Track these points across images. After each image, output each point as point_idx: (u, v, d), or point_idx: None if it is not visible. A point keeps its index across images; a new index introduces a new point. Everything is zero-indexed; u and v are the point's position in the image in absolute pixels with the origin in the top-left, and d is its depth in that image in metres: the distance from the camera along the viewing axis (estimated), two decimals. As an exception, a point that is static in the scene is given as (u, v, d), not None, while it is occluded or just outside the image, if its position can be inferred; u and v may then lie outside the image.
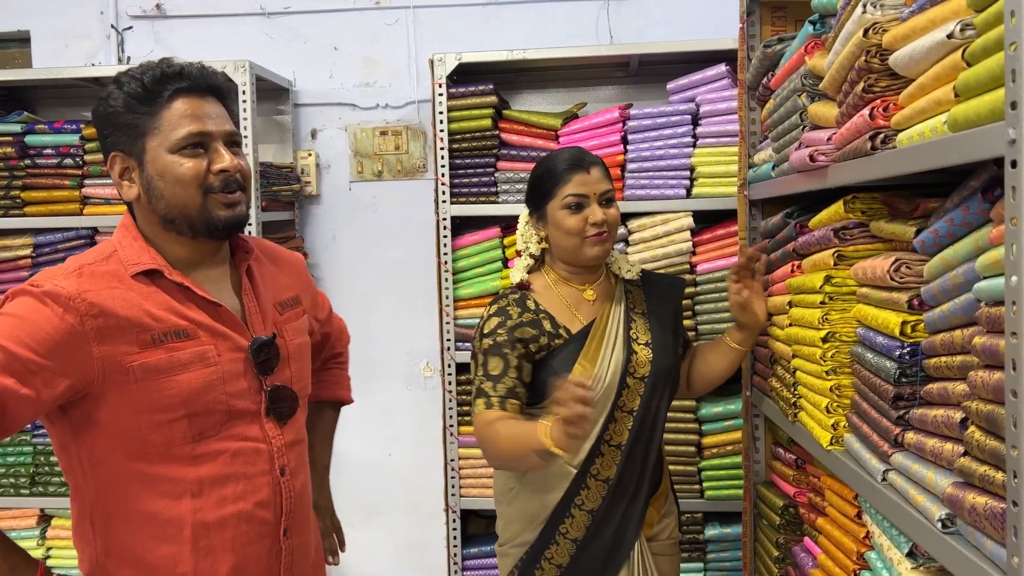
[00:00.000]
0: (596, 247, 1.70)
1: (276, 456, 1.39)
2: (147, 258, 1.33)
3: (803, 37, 1.61)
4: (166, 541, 1.31)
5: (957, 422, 1.05)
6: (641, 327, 1.76)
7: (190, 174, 1.31)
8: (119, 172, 1.35)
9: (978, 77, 0.93)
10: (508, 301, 1.73)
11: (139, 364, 1.27)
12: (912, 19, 1.13)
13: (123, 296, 1.29)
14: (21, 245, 2.81)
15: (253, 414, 1.38)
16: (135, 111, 1.31)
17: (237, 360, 1.36)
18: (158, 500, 1.31)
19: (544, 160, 1.78)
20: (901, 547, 1.26)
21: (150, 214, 1.35)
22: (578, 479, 1.70)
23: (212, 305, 1.36)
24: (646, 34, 2.99)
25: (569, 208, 1.69)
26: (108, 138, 1.35)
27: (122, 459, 1.30)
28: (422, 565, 3.16)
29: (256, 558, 1.37)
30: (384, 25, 3.09)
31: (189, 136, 1.31)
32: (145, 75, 1.32)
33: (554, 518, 1.71)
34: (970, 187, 1.09)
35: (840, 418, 1.45)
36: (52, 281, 1.26)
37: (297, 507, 1.43)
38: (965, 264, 1.06)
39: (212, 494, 1.33)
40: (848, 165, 1.33)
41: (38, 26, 3.20)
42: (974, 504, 0.96)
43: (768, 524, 1.99)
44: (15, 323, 1.22)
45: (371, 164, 3.11)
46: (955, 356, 1.10)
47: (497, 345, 1.67)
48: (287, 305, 1.50)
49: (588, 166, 1.71)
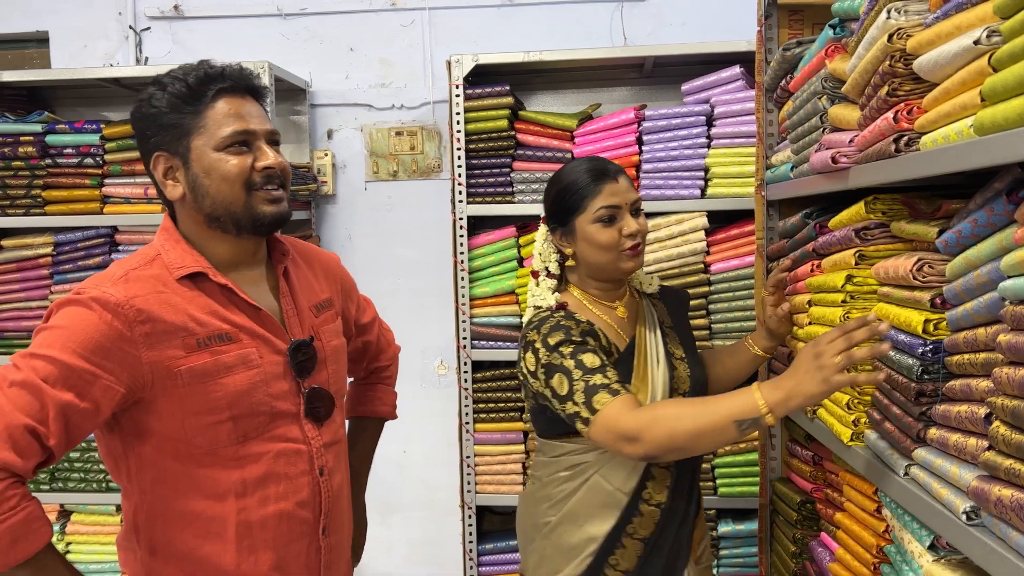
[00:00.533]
0: (632, 260, 1.62)
1: (315, 456, 1.42)
2: (191, 261, 1.35)
3: (823, 41, 1.64)
4: (210, 540, 1.34)
5: (981, 417, 1.08)
6: (674, 342, 1.71)
7: (235, 171, 1.34)
8: (163, 172, 1.36)
9: (1005, 82, 0.96)
10: (557, 319, 1.58)
11: (187, 368, 1.29)
12: (937, 25, 1.15)
13: (169, 301, 1.30)
14: (42, 244, 2.84)
15: (293, 415, 1.40)
16: (180, 111, 1.33)
17: (277, 363, 1.38)
18: (203, 500, 1.34)
19: (563, 173, 1.67)
20: (923, 540, 1.28)
21: (195, 213, 1.37)
22: (630, 506, 1.60)
23: (253, 308, 1.38)
24: (659, 36, 3.02)
25: (602, 221, 1.60)
26: (152, 139, 1.36)
27: (169, 461, 1.33)
28: (438, 561, 3.19)
29: (296, 556, 1.40)
30: (400, 26, 3.12)
31: (234, 134, 1.34)
32: (189, 76, 1.34)
33: (604, 550, 1.60)
34: (994, 189, 1.12)
35: (860, 415, 1.47)
36: (100, 288, 1.27)
37: (335, 506, 1.46)
38: (989, 264, 1.09)
39: (255, 494, 1.35)
40: (871, 167, 1.36)
41: (56, 27, 3.23)
42: (1000, 496, 0.99)
43: (785, 520, 2.02)
44: (66, 334, 1.23)
45: (386, 164, 3.14)
46: (978, 353, 1.12)
47: (579, 345, 1.53)
48: (322, 307, 1.52)
49: (615, 175, 1.63)
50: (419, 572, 3.22)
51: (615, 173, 1.64)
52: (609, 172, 1.63)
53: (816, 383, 1.29)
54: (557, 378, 1.51)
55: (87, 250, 2.82)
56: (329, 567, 1.46)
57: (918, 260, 1.27)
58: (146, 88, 1.39)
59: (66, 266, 2.83)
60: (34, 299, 2.85)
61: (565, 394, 1.50)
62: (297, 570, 1.41)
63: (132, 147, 2.77)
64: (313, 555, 1.43)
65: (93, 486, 2.81)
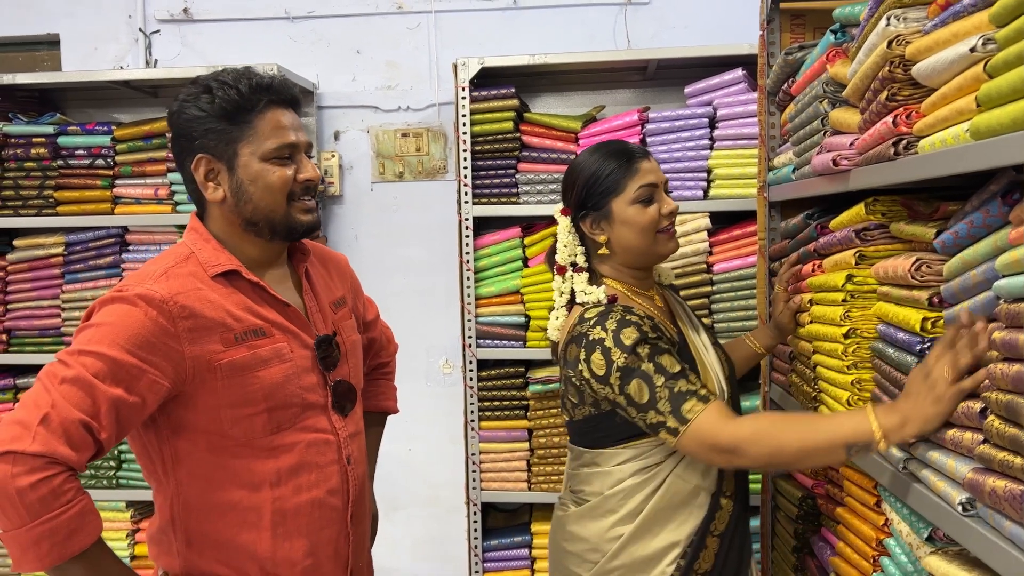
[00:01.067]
0: (669, 243, 1.59)
1: (343, 446, 1.47)
2: (224, 259, 1.40)
3: (824, 45, 1.68)
4: (246, 528, 1.39)
5: (977, 412, 1.12)
6: (702, 327, 1.70)
7: (280, 183, 1.39)
8: (204, 173, 1.40)
9: (1000, 89, 1.00)
10: (621, 313, 1.49)
11: (226, 362, 1.34)
12: (935, 32, 1.19)
13: (207, 297, 1.35)
14: (53, 243, 2.88)
15: (322, 407, 1.45)
16: (229, 118, 1.37)
17: (306, 356, 1.44)
18: (239, 490, 1.38)
19: (588, 157, 1.61)
20: (921, 532, 1.32)
21: (232, 216, 1.41)
22: (713, 503, 1.54)
23: (282, 304, 1.43)
24: (662, 38, 3.06)
25: (641, 202, 1.55)
26: (196, 140, 1.39)
27: (204, 454, 1.37)
28: (443, 558, 3.23)
29: (327, 543, 1.45)
30: (406, 29, 3.16)
31: (282, 148, 1.39)
32: (240, 83, 1.38)
33: (691, 554, 1.53)
34: (990, 191, 1.15)
35: (861, 411, 1.51)
36: (143, 285, 1.32)
37: (361, 494, 1.52)
38: (985, 264, 1.13)
39: (289, 483, 1.40)
40: (870, 169, 1.39)
41: (67, 29, 3.27)
42: (994, 487, 1.02)
43: (786, 515, 2.05)
44: (113, 330, 1.27)
45: (392, 165, 3.18)
46: (974, 350, 1.16)
47: (655, 344, 1.46)
48: (338, 305, 1.58)
49: (646, 154, 1.59)
50: (425, 568, 3.26)
51: (645, 152, 1.61)
52: (640, 151, 1.60)
53: (930, 403, 1.19)
54: (635, 384, 1.43)
55: (98, 250, 2.87)
56: (357, 554, 1.51)
57: (916, 260, 1.31)
58: (187, 89, 1.42)
59: (77, 265, 2.88)
60: (45, 298, 2.89)
61: (646, 402, 1.43)
62: (328, 556, 1.46)
63: (142, 148, 2.82)
64: (343, 542, 1.48)
65: (103, 483, 2.85)
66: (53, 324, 2.88)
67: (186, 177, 1.44)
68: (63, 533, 1.21)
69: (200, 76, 1.44)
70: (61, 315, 2.88)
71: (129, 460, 2.86)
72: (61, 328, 2.88)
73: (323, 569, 1.45)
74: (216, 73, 1.42)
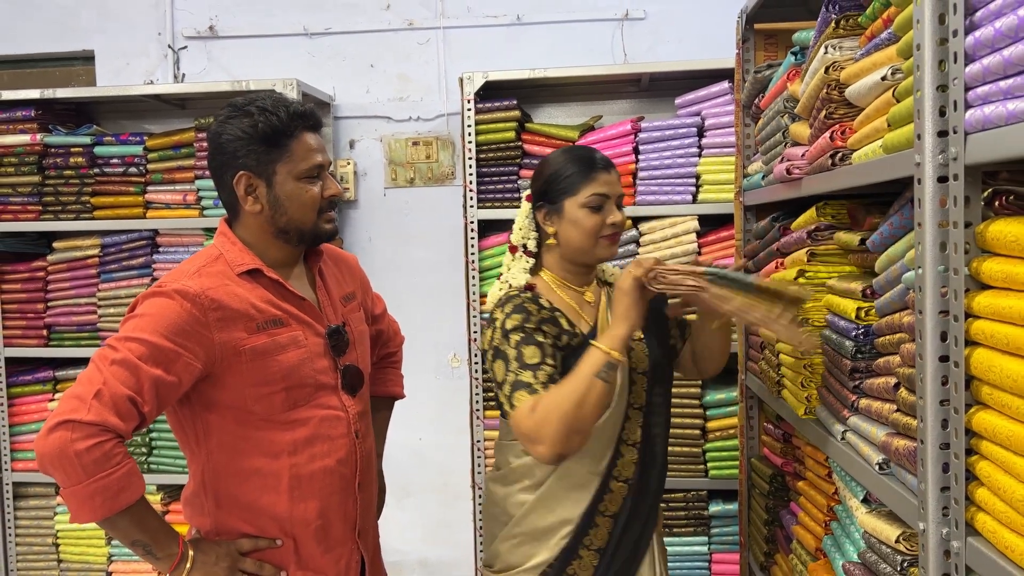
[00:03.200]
0: (609, 248, 1.71)
1: (352, 422, 1.68)
2: (248, 259, 1.61)
3: (786, 66, 1.87)
4: (267, 491, 1.60)
5: (892, 386, 1.31)
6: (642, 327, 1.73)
7: (312, 200, 1.60)
8: (245, 188, 1.59)
9: (900, 112, 1.19)
10: (522, 300, 1.66)
11: (249, 347, 1.55)
12: (861, 60, 1.39)
13: (233, 291, 1.56)
14: (90, 245, 3.11)
15: (332, 387, 1.66)
16: (269, 142, 1.56)
17: (318, 343, 1.64)
18: (261, 458, 1.59)
19: (558, 155, 1.73)
20: (857, 495, 1.51)
21: (267, 225, 1.61)
22: (603, 484, 1.67)
23: (298, 298, 1.64)
24: (657, 52, 3.25)
25: (590, 208, 1.67)
26: (238, 159, 1.58)
27: (232, 426, 1.59)
28: (450, 542, 3.43)
29: (338, 506, 1.66)
30: (416, 44, 3.37)
31: (314, 168, 1.59)
32: (279, 111, 1.57)
33: (579, 530, 1.66)
34: (905, 197, 1.34)
35: (812, 392, 1.70)
36: (179, 282, 1.53)
37: (368, 465, 1.72)
38: (900, 260, 1.32)
39: (304, 452, 1.61)
40: (816, 178, 1.59)
41: (101, 46, 3.51)
42: (897, 447, 1.22)
43: (759, 493, 2.24)
44: (153, 320, 1.49)
45: (404, 172, 3.39)
46: (894, 334, 1.35)
47: (529, 335, 1.61)
48: (348, 299, 1.78)
49: (608, 167, 1.70)
50: (434, 552, 3.46)
51: (607, 164, 1.71)
52: (604, 163, 1.71)
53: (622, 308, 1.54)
54: (498, 364, 1.61)
55: (131, 251, 3.09)
56: (363, 517, 1.73)
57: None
58: (226, 110, 1.61)
59: (112, 266, 3.10)
60: (83, 296, 3.12)
61: (499, 382, 1.60)
62: (338, 518, 1.67)
63: (172, 157, 3.05)
64: (351, 506, 1.69)
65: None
66: (90, 320, 3.11)
67: (223, 188, 1.64)
68: (113, 490, 1.41)
69: (236, 100, 1.63)
70: (97, 312, 3.10)
71: (159, 446, 3.08)
72: (97, 324, 3.10)
73: (333, 529, 1.66)
74: (253, 98, 1.61)
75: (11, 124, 3.09)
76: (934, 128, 1.08)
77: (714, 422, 2.82)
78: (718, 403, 2.81)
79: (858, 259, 1.61)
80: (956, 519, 1.09)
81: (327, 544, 1.65)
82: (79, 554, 3.17)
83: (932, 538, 1.12)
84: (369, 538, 1.77)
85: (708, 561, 2.87)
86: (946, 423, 1.11)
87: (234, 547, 1.59)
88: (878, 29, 1.35)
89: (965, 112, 1.02)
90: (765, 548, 2.17)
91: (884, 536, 1.35)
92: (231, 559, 1.57)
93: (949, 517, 1.11)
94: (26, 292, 3.14)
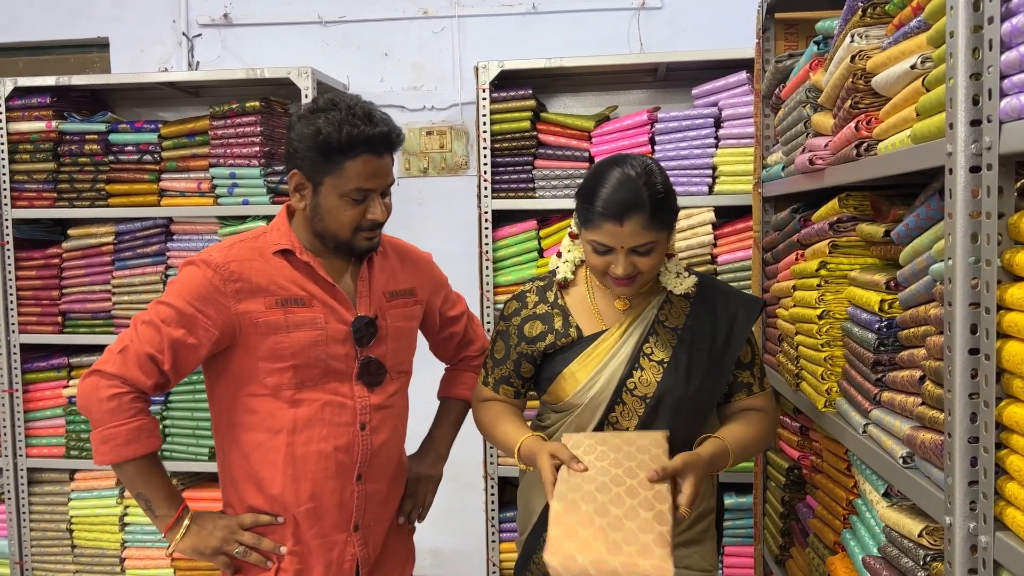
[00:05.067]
0: (620, 289, 1.58)
1: (360, 413, 1.68)
2: (286, 241, 1.65)
3: (809, 55, 1.85)
4: (267, 467, 1.65)
5: (917, 379, 1.29)
6: (662, 343, 1.60)
7: (348, 221, 1.60)
8: (294, 186, 1.62)
9: (931, 101, 1.18)
10: (532, 288, 1.72)
11: (263, 321, 1.60)
12: (889, 49, 1.37)
13: (260, 267, 1.62)
14: (105, 233, 3.11)
15: (346, 375, 1.67)
16: (324, 155, 1.55)
17: (340, 330, 1.65)
18: (263, 433, 1.65)
19: (597, 174, 1.54)
20: (878, 488, 1.50)
21: (307, 223, 1.66)
22: None
23: (328, 283, 1.65)
24: (673, 41, 3.22)
25: (596, 252, 1.54)
26: (297, 158, 1.59)
27: (244, 398, 1.64)
28: (463, 530, 3.43)
29: (331, 492, 1.67)
30: (431, 33, 3.36)
31: (358, 192, 1.58)
32: (343, 128, 1.53)
33: (539, 524, 1.67)
34: (932, 188, 1.33)
35: (832, 384, 1.69)
36: (208, 253, 1.62)
37: (373, 460, 1.70)
38: (927, 251, 1.30)
39: (303, 433, 1.64)
40: (840, 168, 1.57)
41: (116, 33, 3.51)
42: (923, 440, 1.20)
43: (775, 485, 2.23)
44: (180, 286, 1.60)
45: (418, 161, 3.39)
46: (920, 327, 1.33)
47: (506, 332, 1.70)
48: (398, 295, 1.77)
49: (624, 217, 1.47)
50: (446, 540, 3.47)
51: (626, 214, 1.48)
52: (621, 212, 1.48)
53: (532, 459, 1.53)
54: (493, 343, 1.75)
55: (145, 239, 3.09)
56: (363, 510, 1.71)
57: None
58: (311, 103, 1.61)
59: (126, 253, 3.10)
60: (97, 283, 3.12)
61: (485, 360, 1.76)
62: (331, 505, 1.67)
63: (186, 145, 3.04)
64: (347, 496, 1.68)
65: (149, 454, 3.08)
66: (104, 307, 3.11)
67: (286, 174, 1.68)
68: (121, 440, 1.56)
69: (323, 97, 1.60)
70: (112, 299, 3.11)
71: (173, 434, 3.09)
72: (111, 311, 3.11)
73: (327, 516, 1.67)
74: (334, 103, 1.57)
75: (27, 111, 3.09)
76: (967, 117, 1.07)
77: (728, 415, 2.80)
78: (732, 395, 2.79)
79: (881, 251, 1.59)
80: (984, 513, 1.07)
81: (319, 529, 1.67)
82: (93, 540, 3.18)
83: (959, 532, 1.11)
84: (371, 536, 1.74)
85: (721, 553, 2.86)
86: (975, 417, 1.09)
87: (235, 521, 1.67)
88: (907, 17, 1.33)
89: (1000, 100, 1.00)
90: (780, 541, 2.16)
91: (906, 530, 1.34)
92: (228, 531, 1.65)
93: (977, 511, 1.10)
94: (41, 279, 3.14)
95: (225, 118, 2.98)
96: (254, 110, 2.94)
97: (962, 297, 1.09)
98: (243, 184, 2.99)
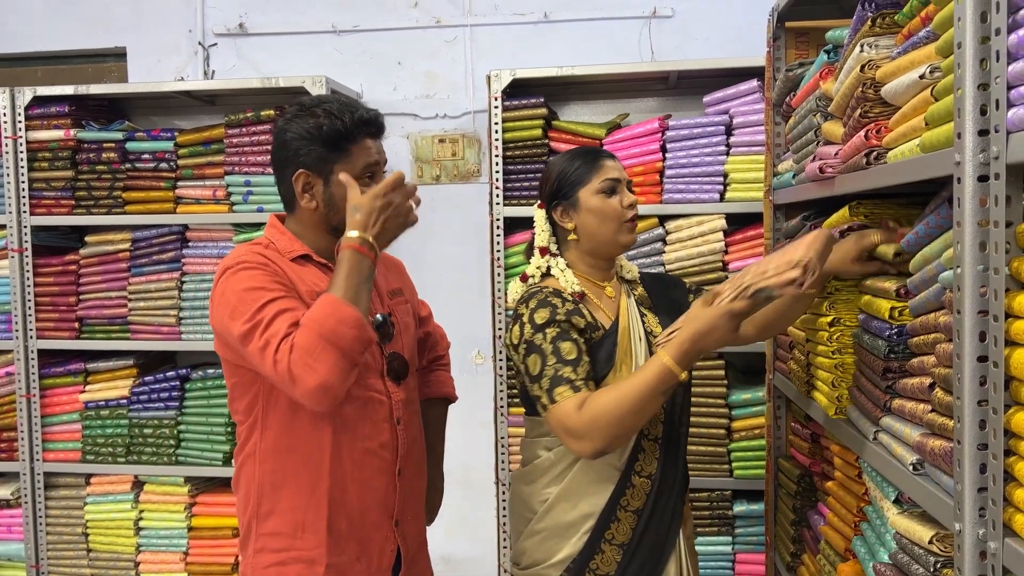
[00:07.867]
0: (631, 233, 1.74)
1: (394, 408, 1.70)
2: (298, 247, 1.67)
3: (819, 64, 1.86)
4: (310, 469, 1.63)
5: (927, 386, 1.30)
6: (652, 320, 1.80)
7: None
8: (303, 186, 1.64)
9: (939, 111, 1.19)
10: (544, 294, 1.69)
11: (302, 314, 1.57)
12: (899, 59, 1.38)
13: (288, 269, 1.63)
14: (121, 240, 3.15)
15: (378, 372, 1.69)
16: (331, 145, 1.61)
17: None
18: (308, 434, 1.62)
19: (559, 157, 1.80)
20: (889, 495, 1.50)
21: (320, 221, 1.67)
22: (623, 479, 1.68)
23: None
24: (685, 49, 3.24)
25: (604, 192, 1.72)
26: (300, 158, 1.63)
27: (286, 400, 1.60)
28: (474, 538, 3.44)
29: (376, 490, 1.68)
30: (443, 42, 3.39)
31: (368, 168, 1.63)
32: (344, 116, 1.61)
33: (600, 525, 1.67)
34: (941, 197, 1.33)
35: (843, 392, 1.69)
36: (246, 258, 1.60)
37: (410, 453, 1.74)
38: (936, 259, 1.31)
39: (347, 432, 1.64)
40: (849, 177, 1.58)
41: (133, 43, 3.56)
42: (933, 447, 1.21)
43: (786, 493, 2.23)
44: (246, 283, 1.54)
45: (430, 169, 3.41)
46: (930, 335, 1.34)
47: (563, 331, 1.63)
48: (394, 294, 1.83)
49: (611, 155, 1.78)
50: (458, 545, 3.48)
51: (609, 153, 1.80)
52: (604, 152, 1.79)
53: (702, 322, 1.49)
54: (533, 358, 1.62)
55: (161, 246, 3.13)
56: (404, 505, 1.74)
57: None
58: (292, 108, 1.66)
59: (142, 260, 3.14)
60: (113, 290, 3.16)
61: (536, 375, 1.61)
62: (376, 503, 1.68)
63: (202, 153, 3.08)
64: (391, 492, 1.70)
65: (164, 459, 3.11)
66: (120, 313, 3.15)
67: (282, 182, 1.68)
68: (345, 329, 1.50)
69: (304, 99, 1.67)
70: (128, 305, 3.14)
71: (187, 439, 3.12)
72: (127, 317, 3.14)
73: (370, 513, 1.68)
74: (322, 100, 1.66)
75: (46, 120, 3.13)
76: (975, 127, 1.08)
77: (739, 422, 2.81)
78: (743, 403, 2.80)
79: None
80: (993, 520, 1.08)
81: (361, 526, 1.67)
82: (108, 544, 3.21)
83: (968, 539, 1.12)
84: (410, 531, 1.78)
85: (732, 561, 2.86)
86: (984, 424, 1.10)
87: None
88: (916, 27, 1.34)
89: (1008, 111, 1.01)
90: (792, 548, 2.16)
91: (917, 537, 1.34)
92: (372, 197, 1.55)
93: (986, 518, 1.10)
94: (59, 285, 3.18)
95: (240, 126, 3.01)
96: (269, 118, 2.97)
97: (971, 305, 1.10)
98: (258, 192, 3.02)
